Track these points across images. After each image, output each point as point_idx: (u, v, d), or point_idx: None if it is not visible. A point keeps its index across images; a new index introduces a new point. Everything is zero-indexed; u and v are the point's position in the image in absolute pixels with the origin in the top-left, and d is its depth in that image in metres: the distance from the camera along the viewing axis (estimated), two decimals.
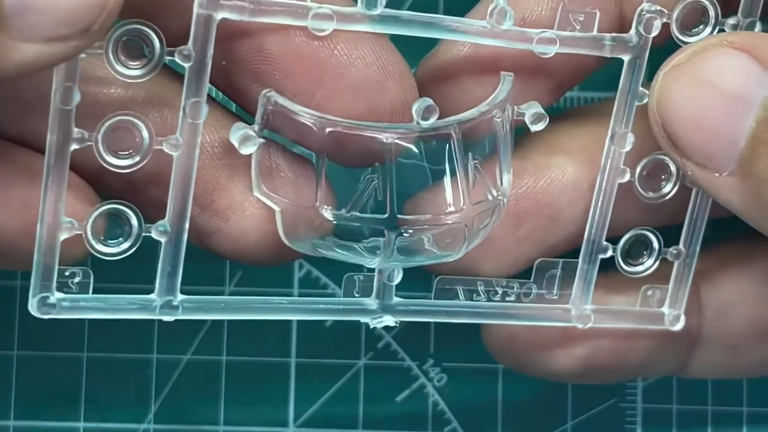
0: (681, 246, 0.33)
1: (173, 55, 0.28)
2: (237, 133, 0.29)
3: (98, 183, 0.30)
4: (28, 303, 0.29)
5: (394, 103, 0.30)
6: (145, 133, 0.28)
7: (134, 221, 0.29)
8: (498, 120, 0.30)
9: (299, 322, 0.39)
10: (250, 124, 0.30)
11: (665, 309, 0.34)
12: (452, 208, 0.30)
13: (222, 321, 0.39)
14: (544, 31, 0.31)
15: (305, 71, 0.29)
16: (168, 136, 0.29)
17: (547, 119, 0.31)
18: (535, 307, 0.33)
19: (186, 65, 0.28)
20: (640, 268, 0.33)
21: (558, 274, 0.33)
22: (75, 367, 0.39)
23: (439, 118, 0.29)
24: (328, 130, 0.29)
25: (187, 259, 0.30)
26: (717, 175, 0.30)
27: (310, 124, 0.29)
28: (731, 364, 0.36)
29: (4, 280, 0.39)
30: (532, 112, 0.31)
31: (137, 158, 0.29)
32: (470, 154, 0.30)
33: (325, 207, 0.30)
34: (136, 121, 0.28)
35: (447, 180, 0.30)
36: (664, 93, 0.30)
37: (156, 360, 0.39)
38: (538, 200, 0.33)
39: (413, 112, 0.29)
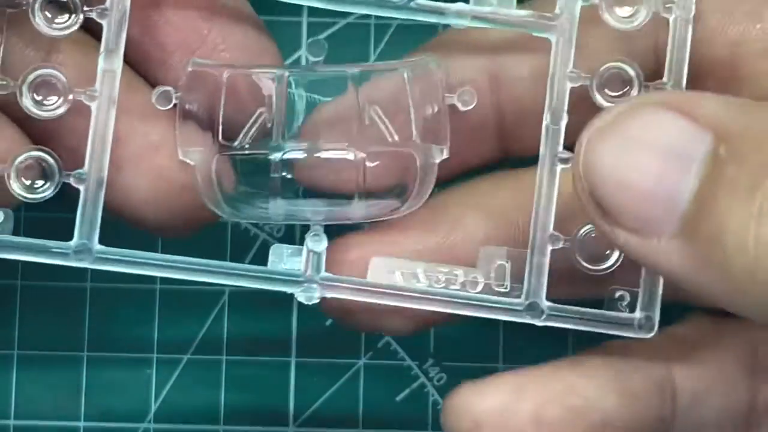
0: None
1: (92, 13, 0.30)
2: (157, 91, 0.31)
3: (26, 131, 0.31)
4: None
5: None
6: (65, 84, 0.30)
7: (54, 168, 0.31)
8: (408, 81, 0.31)
9: (299, 322, 0.39)
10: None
11: (636, 313, 0.31)
12: (339, 135, 0.31)
13: (222, 321, 0.39)
14: (457, 3, 0.31)
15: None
16: (87, 87, 0.31)
17: (476, 99, 0.31)
18: (480, 298, 0.31)
19: (103, 21, 0.30)
20: (602, 266, 0.31)
21: (507, 264, 0.31)
22: (75, 367, 0.39)
23: None
24: (226, 74, 0.31)
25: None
26: (654, 240, 0.28)
27: (216, 73, 0.31)
28: None
29: (4, 279, 0.39)
30: (460, 90, 0.31)
31: (58, 107, 0.30)
32: (368, 97, 0.31)
33: (222, 140, 0.31)
34: (57, 72, 0.31)
35: (338, 114, 0.31)
36: (590, 156, 0.28)
37: (156, 360, 0.39)
38: (452, 255, 0.32)
39: (304, 50, 0.31)
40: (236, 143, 0.31)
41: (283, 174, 0.31)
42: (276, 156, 0.30)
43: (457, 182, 0.34)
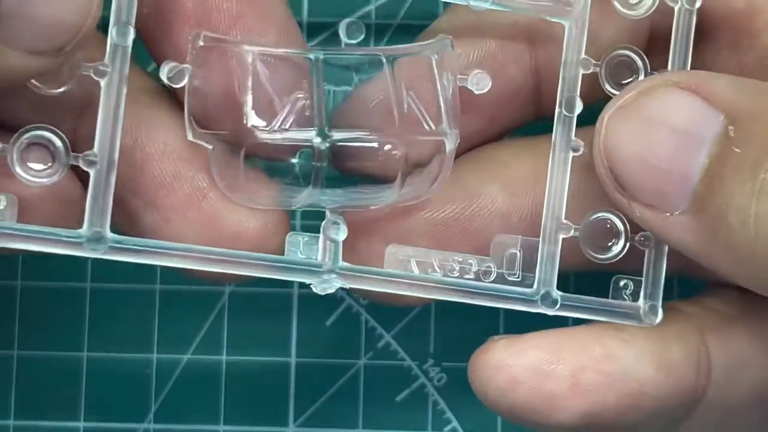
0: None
1: None
2: (167, 66, 0.29)
3: (32, 110, 0.30)
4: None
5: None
6: (74, 60, 0.28)
7: (61, 149, 0.28)
8: (434, 60, 0.30)
9: (299, 322, 0.39)
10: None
11: (640, 302, 0.32)
12: (381, 123, 0.30)
13: (222, 321, 0.39)
14: None
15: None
16: (97, 62, 0.28)
17: (490, 82, 0.31)
18: (495, 288, 0.31)
19: None
20: (609, 254, 0.31)
21: (519, 254, 0.32)
22: (75, 367, 0.39)
23: None
24: (258, 52, 0.29)
25: None
26: (668, 214, 0.29)
27: (241, 52, 0.29)
28: (722, 426, 0.33)
29: (4, 280, 0.39)
30: (474, 73, 0.31)
31: (65, 84, 0.28)
32: (403, 81, 0.30)
33: (255, 125, 0.29)
34: None
35: (377, 100, 0.30)
36: (610, 134, 0.30)
37: (156, 360, 0.39)
38: (464, 227, 0.32)
39: (339, 31, 0.30)
40: (273, 128, 0.29)
41: (323, 163, 0.29)
42: (320, 144, 0.29)
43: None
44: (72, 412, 0.39)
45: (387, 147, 0.30)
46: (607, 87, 0.31)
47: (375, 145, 0.30)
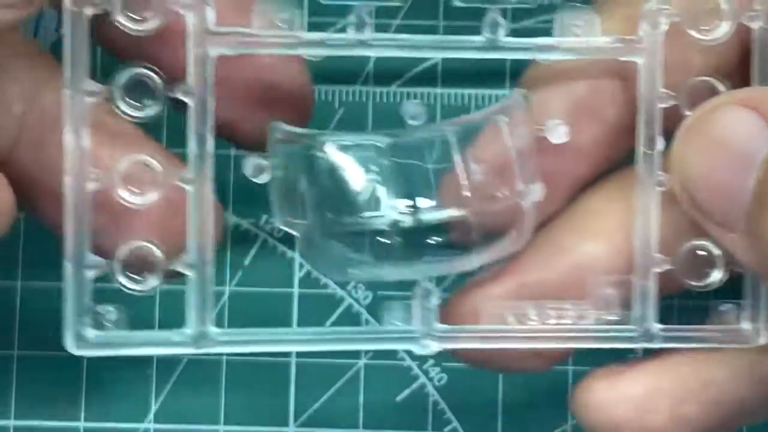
0: None
1: (175, 92, 0.29)
2: (250, 163, 0.30)
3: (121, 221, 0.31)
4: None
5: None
6: (159, 169, 0.29)
7: (159, 257, 0.30)
8: (504, 123, 0.31)
9: (300, 322, 0.39)
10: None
11: (744, 324, 0.31)
12: (452, 198, 0.30)
13: (222, 321, 0.39)
14: (544, 39, 0.30)
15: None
16: (180, 172, 0.30)
17: (568, 132, 0.31)
18: (593, 329, 0.31)
19: (189, 100, 0.29)
20: (707, 281, 0.31)
21: (615, 292, 0.31)
22: (75, 367, 0.39)
23: None
24: (333, 141, 0.30)
25: None
26: (733, 234, 0.29)
27: (317, 143, 0.30)
28: None
29: (4, 280, 0.39)
30: (551, 123, 0.31)
31: (152, 195, 0.29)
32: (470, 151, 0.30)
33: (339, 212, 0.30)
34: (147, 158, 0.29)
35: (447, 176, 0.30)
36: (680, 155, 0.30)
37: (156, 360, 0.39)
38: (577, 287, 0.31)
39: (402, 114, 0.31)
40: (357, 214, 0.30)
41: (410, 239, 0.30)
42: (404, 223, 0.30)
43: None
44: (72, 412, 0.39)
45: (461, 220, 0.30)
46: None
47: (452, 219, 0.30)
